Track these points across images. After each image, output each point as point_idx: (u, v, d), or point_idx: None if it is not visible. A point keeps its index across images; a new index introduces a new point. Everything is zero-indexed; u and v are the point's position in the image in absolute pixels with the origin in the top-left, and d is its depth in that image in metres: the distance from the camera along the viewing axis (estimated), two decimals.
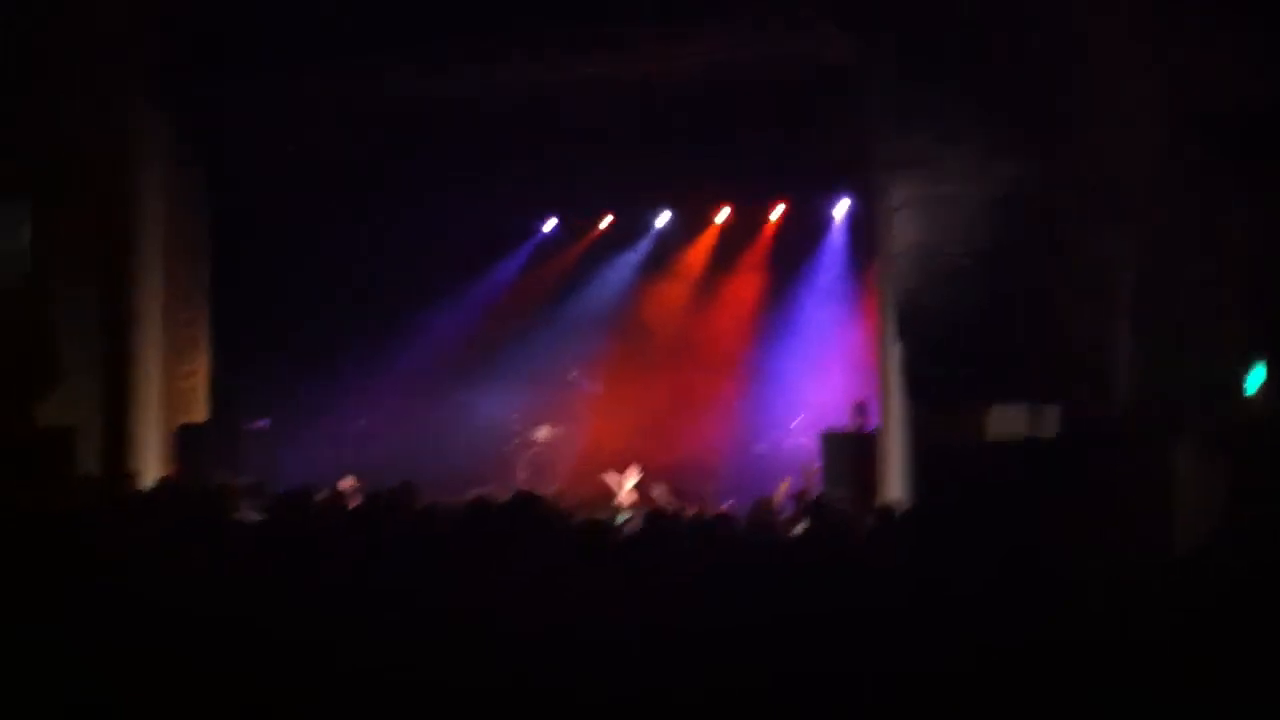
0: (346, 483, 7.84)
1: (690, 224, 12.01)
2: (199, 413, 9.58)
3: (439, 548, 3.82)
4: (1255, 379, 6.31)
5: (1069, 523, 4.56)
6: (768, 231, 11.72)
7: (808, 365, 10.91)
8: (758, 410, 11.23)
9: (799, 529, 5.59)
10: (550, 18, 8.31)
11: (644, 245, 12.17)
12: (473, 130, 9.94)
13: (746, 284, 11.75)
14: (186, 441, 9.04)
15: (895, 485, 7.36)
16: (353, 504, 7.15)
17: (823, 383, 10.42)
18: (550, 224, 12.32)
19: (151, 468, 8.53)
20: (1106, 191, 6.99)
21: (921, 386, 7.29)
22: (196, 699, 2.04)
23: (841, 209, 11.18)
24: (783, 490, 7.82)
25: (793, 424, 10.66)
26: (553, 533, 4.03)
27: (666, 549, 3.91)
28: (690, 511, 5.55)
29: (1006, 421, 6.66)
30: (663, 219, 12.05)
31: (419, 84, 9.19)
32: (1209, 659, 1.91)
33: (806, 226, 11.42)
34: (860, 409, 8.80)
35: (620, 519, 6.89)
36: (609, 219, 12.16)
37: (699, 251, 11.97)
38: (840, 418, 9.09)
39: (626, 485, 6.64)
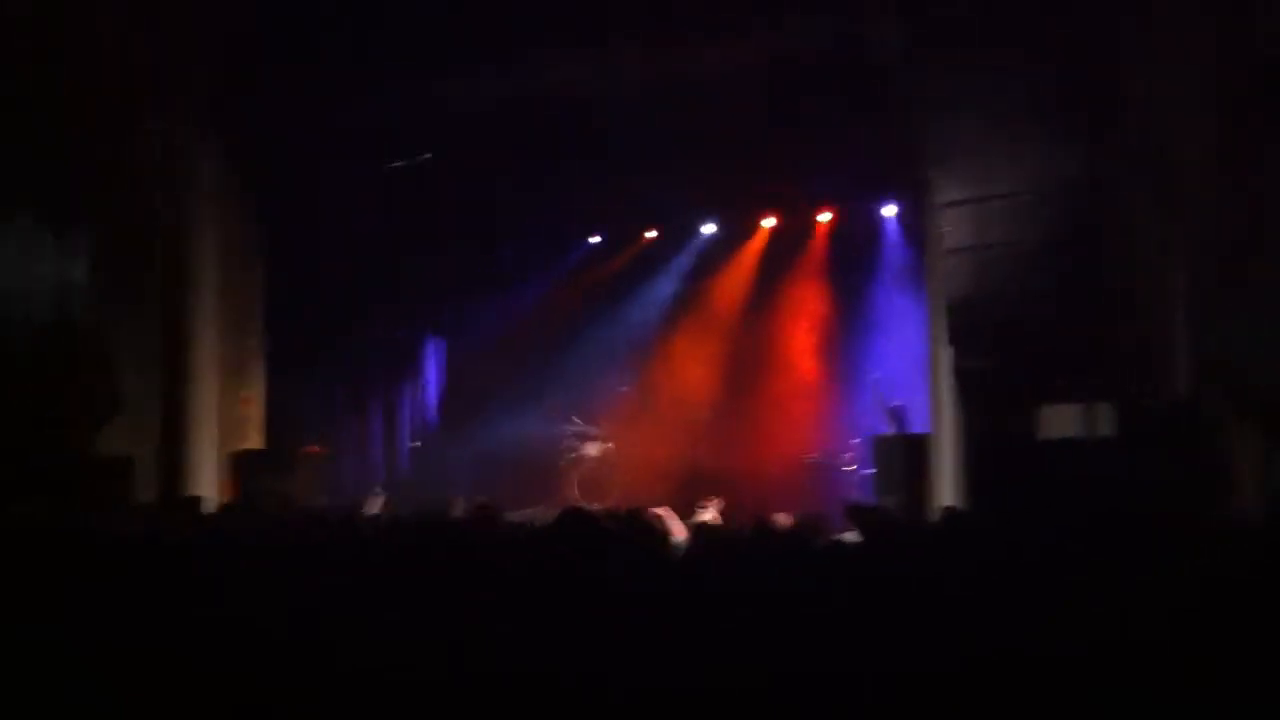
0: (375, 501, 7.82)
1: (736, 234, 11.91)
2: (255, 439, 9.70)
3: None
4: None
5: (1126, 520, 4.40)
6: (818, 238, 11.59)
7: (861, 372, 10.74)
8: (811, 419, 11.09)
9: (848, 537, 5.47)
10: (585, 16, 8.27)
11: (689, 256, 12.11)
12: (514, 146, 9.94)
13: (797, 292, 11.63)
14: (243, 467, 9.15)
15: (947, 490, 7.20)
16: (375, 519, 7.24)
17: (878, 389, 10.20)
18: (595, 239, 12.29)
19: (209, 494, 8.61)
20: (1161, 176, 6.78)
21: (972, 388, 7.12)
22: (196, 699, 2.03)
23: (890, 211, 11.03)
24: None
25: (852, 444, 10.41)
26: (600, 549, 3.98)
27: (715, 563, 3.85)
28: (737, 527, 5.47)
29: (1060, 421, 6.47)
30: (708, 229, 11.99)
31: (459, 97, 9.17)
32: (1209, 659, 1.82)
33: (856, 231, 11.24)
34: (896, 414, 8.63)
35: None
36: (654, 232, 12.11)
37: (747, 261, 11.88)
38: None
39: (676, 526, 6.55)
